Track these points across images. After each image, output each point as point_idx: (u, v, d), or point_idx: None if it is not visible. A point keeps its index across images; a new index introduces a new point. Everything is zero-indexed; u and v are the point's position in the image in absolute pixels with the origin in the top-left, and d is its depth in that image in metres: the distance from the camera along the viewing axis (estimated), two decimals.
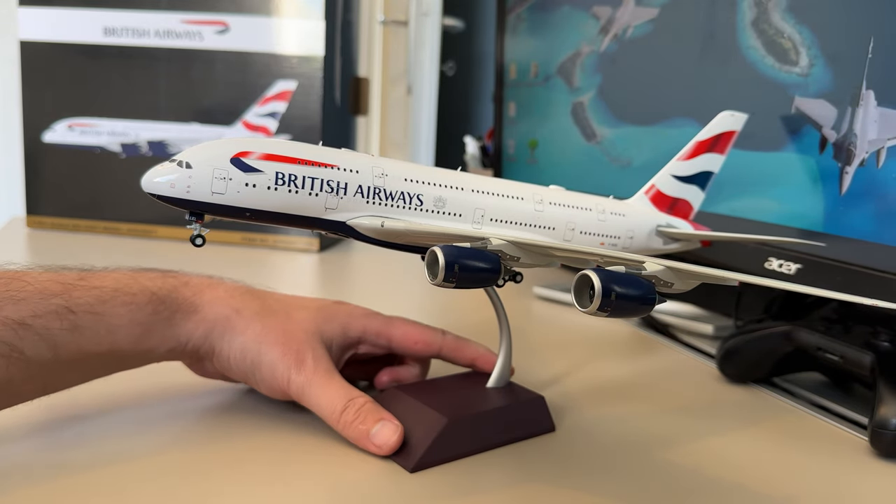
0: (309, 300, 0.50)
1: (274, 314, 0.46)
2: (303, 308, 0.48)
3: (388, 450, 0.41)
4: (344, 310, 0.49)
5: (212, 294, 0.46)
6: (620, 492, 0.40)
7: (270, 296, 0.49)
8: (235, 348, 0.45)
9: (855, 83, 0.50)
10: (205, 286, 0.46)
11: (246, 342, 0.45)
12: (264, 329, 0.45)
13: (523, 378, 0.58)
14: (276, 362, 0.44)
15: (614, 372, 0.62)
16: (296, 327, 0.46)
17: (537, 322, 0.79)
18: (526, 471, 0.42)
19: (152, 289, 0.43)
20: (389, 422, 0.42)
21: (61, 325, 0.39)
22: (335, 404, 0.43)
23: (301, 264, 1.01)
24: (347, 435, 0.42)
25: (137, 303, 0.42)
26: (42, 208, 1.13)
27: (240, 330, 0.45)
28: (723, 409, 0.54)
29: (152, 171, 0.37)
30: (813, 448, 0.47)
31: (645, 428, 0.49)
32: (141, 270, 0.45)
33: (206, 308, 0.45)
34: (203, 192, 0.37)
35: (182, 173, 0.37)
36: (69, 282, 0.41)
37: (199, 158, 0.37)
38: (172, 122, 1.09)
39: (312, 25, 1.06)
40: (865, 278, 0.49)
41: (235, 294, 0.47)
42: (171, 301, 0.44)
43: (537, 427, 0.46)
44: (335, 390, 0.43)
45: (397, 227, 0.40)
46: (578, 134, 0.86)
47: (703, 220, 0.66)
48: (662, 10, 0.72)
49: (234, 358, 0.45)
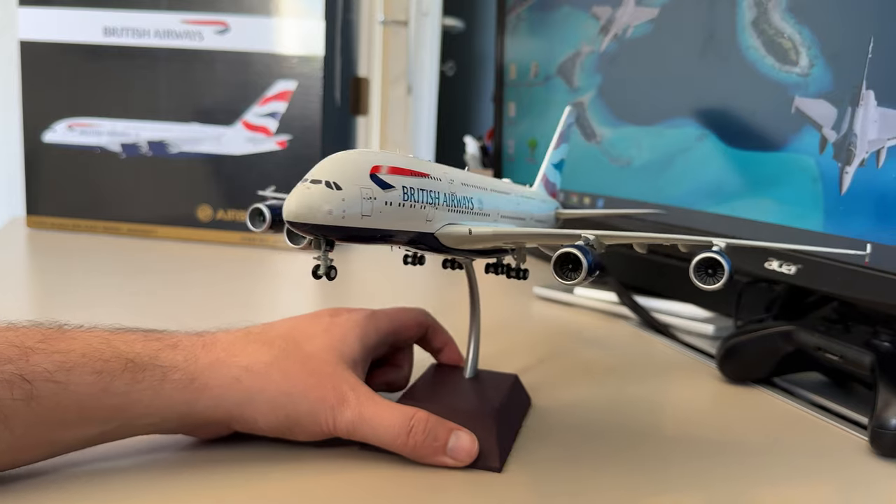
0: (308, 322, 0.45)
1: (287, 356, 0.41)
2: (310, 336, 0.43)
3: (470, 459, 0.40)
4: (349, 321, 0.46)
5: (209, 357, 0.40)
6: (620, 491, 0.40)
7: (271, 330, 0.44)
8: (261, 409, 0.40)
9: (855, 83, 0.50)
10: (198, 348, 0.40)
11: (272, 399, 0.40)
12: (286, 378, 0.40)
13: (524, 378, 0.58)
14: (316, 408, 0.40)
15: (613, 372, 0.62)
16: (317, 362, 0.41)
17: (537, 322, 0.79)
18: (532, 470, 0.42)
19: (129, 355, 0.38)
20: (461, 431, 0.40)
21: (13, 396, 0.34)
22: (397, 428, 0.40)
23: (301, 264, 1.01)
24: (419, 455, 0.40)
25: (110, 370, 0.37)
26: (42, 208, 1.13)
27: (258, 388, 0.39)
28: (723, 409, 0.54)
29: (301, 198, 0.32)
30: (813, 448, 0.47)
31: (645, 427, 0.49)
32: (118, 331, 0.40)
33: (206, 375, 0.39)
34: (355, 215, 0.32)
35: (335, 195, 0.32)
36: (28, 345, 0.36)
37: (344, 177, 0.32)
38: (172, 122, 1.09)
39: (312, 25, 1.06)
40: (866, 278, 0.49)
41: (236, 348, 0.41)
42: (154, 369, 0.38)
43: (526, 403, 0.50)
44: (390, 414, 0.40)
45: (485, 231, 0.39)
46: (578, 134, 0.86)
47: (703, 219, 0.66)
48: (662, 10, 0.72)
49: (263, 418, 0.40)
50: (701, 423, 0.51)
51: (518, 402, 0.49)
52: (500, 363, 0.60)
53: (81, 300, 0.78)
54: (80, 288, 0.83)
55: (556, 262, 0.34)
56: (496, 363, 0.60)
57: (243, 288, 0.88)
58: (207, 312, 0.76)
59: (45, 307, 0.78)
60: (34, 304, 0.79)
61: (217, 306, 0.78)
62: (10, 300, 0.78)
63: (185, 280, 0.90)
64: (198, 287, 0.86)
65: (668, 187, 0.71)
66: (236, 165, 1.09)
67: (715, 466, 0.44)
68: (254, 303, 0.82)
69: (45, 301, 0.80)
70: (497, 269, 0.46)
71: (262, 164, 1.08)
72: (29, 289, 0.86)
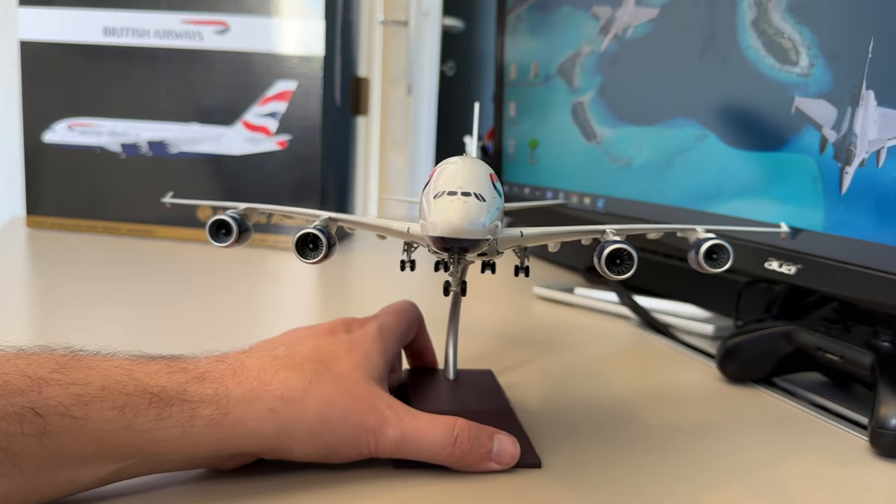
0: (327, 339, 0.43)
1: (320, 379, 0.39)
2: (336, 356, 0.41)
3: (514, 461, 0.40)
4: (367, 336, 0.44)
5: (241, 388, 0.37)
6: (619, 491, 0.40)
7: (297, 353, 0.41)
8: (299, 439, 0.38)
9: (855, 83, 0.50)
10: (228, 378, 0.37)
11: (312, 427, 0.38)
12: (324, 404, 0.38)
13: (524, 378, 0.58)
14: (355, 433, 0.38)
15: (614, 371, 0.62)
16: (350, 383, 0.40)
17: (537, 322, 0.79)
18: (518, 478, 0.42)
19: (154, 389, 0.35)
20: (501, 434, 0.40)
21: (24, 431, 0.31)
22: (443, 440, 0.39)
23: (301, 264, 1.01)
24: (467, 464, 0.39)
25: (133, 406, 0.34)
26: (42, 208, 1.13)
27: (297, 418, 0.37)
28: (723, 409, 0.54)
29: (462, 211, 0.31)
30: (813, 448, 0.47)
31: (644, 427, 0.49)
32: (140, 360, 0.37)
33: (240, 409, 0.36)
34: (492, 226, 0.32)
35: (484, 207, 0.31)
36: (41, 374, 0.33)
37: (482, 187, 0.32)
38: (172, 122, 1.09)
39: (312, 25, 1.06)
40: (866, 278, 0.49)
41: (267, 376, 0.38)
42: (182, 404, 0.35)
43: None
44: (433, 426, 0.39)
45: (534, 232, 0.40)
46: (578, 134, 0.86)
47: (702, 219, 0.66)
48: (662, 10, 0.72)
49: (300, 448, 0.38)
50: (701, 422, 0.51)
51: (505, 397, 0.50)
52: (500, 363, 0.60)
53: (81, 300, 0.78)
54: (79, 288, 0.83)
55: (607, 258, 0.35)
56: (496, 363, 0.60)
57: (244, 288, 0.88)
58: (208, 312, 0.76)
59: (45, 307, 0.78)
60: (34, 305, 0.79)
61: (217, 306, 0.78)
62: (10, 300, 0.78)
63: (185, 280, 0.90)
64: (198, 287, 0.86)
65: (669, 187, 0.71)
66: (236, 165, 1.09)
67: (714, 466, 0.44)
68: (255, 303, 0.82)
69: (45, 301, 0.80)
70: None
71: (262, 164, 1.08)
72: (29, 289, 0.86)
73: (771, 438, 0.49)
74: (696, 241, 0.40)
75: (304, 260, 0.38)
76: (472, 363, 0.55)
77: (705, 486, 0.41)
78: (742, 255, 0.60)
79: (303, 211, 0.44)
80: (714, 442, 0.48)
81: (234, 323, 0.72)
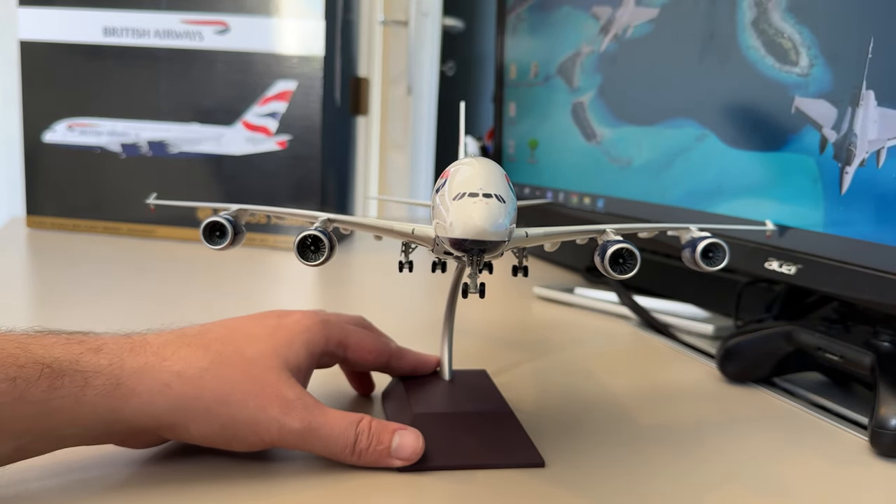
0: (253, 322, 0.43)
1: (227, 361, 0.38)
2: (253, 339, 0.40)
3: (416, 457, 0.39)
4: (298, 324, 0.43)
5: (137, 361, 0.36)
6: (618, 491, 0.40)
7: (209, 332, 0.40)
8: (195, 417, 0.37)
9: (855, 83, 0.50)
10: (125, 351, 0.37)
11: (208, 407, 0.37)
12: (223, 384, 0.37)
13: (524, 378, 0.58)
14: (257, 417, 0.37)
15: (614, 371, 0.62)
16: (259, 368, 0.39)
17: (537, 322, 0.79)
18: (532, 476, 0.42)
19: (46, 360, 0.34)
20: (405, 430, 0.40)
21: None
22: (345, 438, 0.38)
23: (301, 264, 1.01)
24: (365, 462, 0.39)
25: (25, 377, 0.33)
26: (42, 208, 1.13)
27: (192, 395, 0.37)
28: (723, 409, 0.54)
29: (484, 213, 0.30)
30: (813, 448, 0.47)
31: (644, 427, 0.49)
32: (38, 334, 0.36)
33: (133, 380, 0.36)
34: (511, 228, 0.32)
35: (505, 209, 0.31)
36: None
37: (501, 188, 0.32)
38: (172, 122, 1.09)
39: (312, 25, 1.06)
40: (866, 278, 0.49)
41: (167, 351, 0.38)
42: (74, 374, 0.34)
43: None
44: (337, 423, 0.39)
45: (538, 232, 0.40)
46: (578, 134, 0.86)
47: (702, 219, 0.66)
48: (662, 10, 0.72)
49: (197, 427, 0.37)
50: (701, 422, 0.51)
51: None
52: (500, 363, 0.60)
53: (81, 300, 0.78)
54: (79, 288, 0.83)
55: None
56: (496, 363, 0.60)
57: (244, 288, 0.88)
58: (208, 312, 0.76)
59: (44, 307, 0.78)
60: (34, 304, 0.79)
61: (218, 306, 0.78)
62: (10, 300, 0.78)
63: (184, 280, 0.90)
64: (198, 287, 0.86)
65: (668, 187, 0.71)
66: (236, 165, 1.09)
67: (714, 466, 0.44)
68: (255, 303, 0.82)
69: (44, 301, 0.80)
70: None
71: (262, 164, 1.08)
72: (29, 289, 0.86)
73: (771, 438, 0.49)
74: (690, 240, 0.40)
75: (305, 262, 0.37)
76: (471, 363, 0.55)
77: (705, 485, 0.41)
78: (742, 255, 0.60)
79: (300, 212, 0.43)
80: (714, 442, 0.48)
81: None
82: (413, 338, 0.53)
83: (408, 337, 0.53)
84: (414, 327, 0.50)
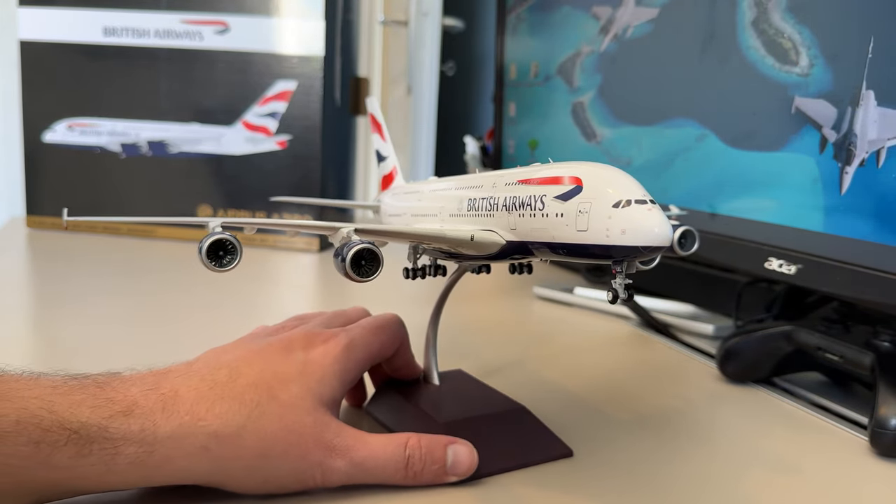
0: (280, 360, 0.39)
1: (263, 413, 0.36)
2: (285, 381, 0.38)
3: (471, 471, 0.39)
4: (327, 356, 0.40)
5: (170, 424, 0.34)
6: (618, 491, 0.40)
7: (240, 377, 0.38)
8: (237, 475, 0.36)
9: (855, 83, 0.50)
10: (157, 412, 0.34)
11: (248, 465, 0.36)
12: (262, 440, 0.36)
13: (524, 377, 0.58)
14: (299, 467, 0.36)
15: (614, 372, 0.62)
16: (296, 413, 0.37)
17: (537, 322, 0.79)
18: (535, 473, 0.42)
19: (73, 425, 0.32)
20: (457, 443, 0.39)
21: None
22: (395, 463, 0.38)
23: (301, 264, 1.01)
24: (421, 483, 0.38)
25: (50, 442, 0.31)
26: (42, 208, 1.13)
27: (231, 456, 0.35)
28: (723, 409, 0.54)
29: (662, 219, 0.30)
30: (813, 448, 0.47)
31: (644, 427, 0.49)
32: (65, 387, 0.34)
33: (167, 446, 0.34)
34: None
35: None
36: None
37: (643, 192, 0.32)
38: (172, 122, 1.09)
39: (312, 25, 1.06)
40: (866, 278, 0.49)
41: (201, 409, 0.35)
42: (104, 442, 0.32)
43: None
44: (383, 450, 0.38)
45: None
46: (578, 134, 0.86)
47: (702, 219, 0.66)
48: (662, 10, 0.72)
49: (239, 483, 0.36)
50: (701, 423, 0.51)
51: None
52: (500, 363, 0.60)
53: (81, 300, 0.78)
54: (79, 288, 0.83)
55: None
56: (496, 363, 0.60)
57: (244, 288, 0.88)
58: (207, 313, 0.76)
59: (44, 307, 0.78)
60: (34, 305, 0.79)
61: (217, 306, 0.78)
62: (10, 300, 0.78)
63: (185, 280, 0.90)
64: (198, 287, 0.86)
65: (669, 187, 0.71)
66: (236, 165, 1.09)
67: (714, 466, 0.44)
68: (255, 303, 0.82)
69: (44, 301, 0.80)
70: (489, 269, 0.46)
71: (262, 164, 1.08)
72: (29, 289, 0.86)
73: (771, 438, 0.49)
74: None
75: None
76: (471, 363, 0.55)
77: (705, 485, 0.41)
78: (742, 255, 0.60)
79: (322, 224, 0.39)
80: (714, 442, 0.48)
81: (234, 322, 0.72)
82: (420, 334, 0.53)
83: (414, 333, 0.52)
84: (422, 324, 0.50)
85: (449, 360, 0.53)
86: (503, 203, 0.37)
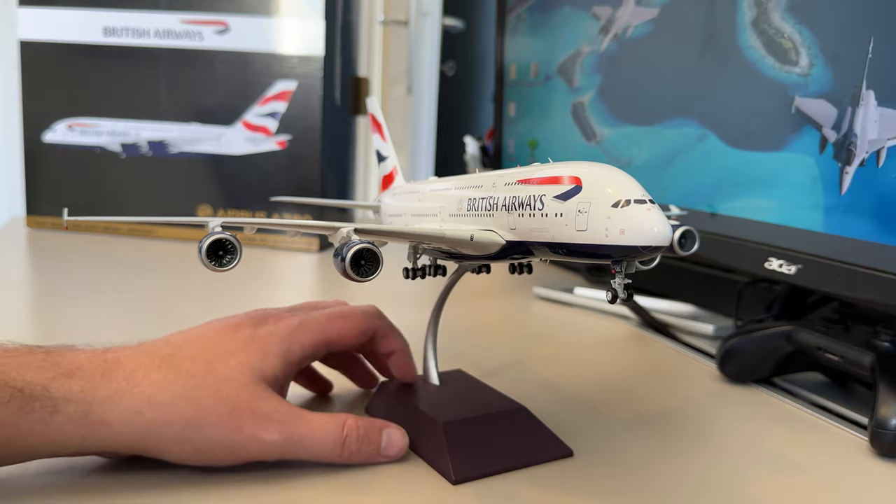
0: (226, 335, 0.41)
1: (198, 383, 0.37)
2: (226, 354, 0.39)
3: (402, 453, 0.40)
4: (273, 335, 0.41)
5: (108, 387, 0.36)
6: (618, 491, 0.40)
7: (181, 350, 0.39)
8: (168, 442, 0.37)
9: (855, 83, 0.50)
10: (97, 376, 0.36)
11: (180, 432, 0.36)
12: (195, 408, 0.37)
13: (523, 377, 0.58)
14: (232, 438, 0.37)
15: (614, 372, 0.62)
16: (232, 386, 0.38)
17: (537, 322, 0.79)
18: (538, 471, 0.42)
19: (17, 383, 0.34)
20: (391, 427, 0.41)
21: None
22: (332, 442, 0.39)
23: (301, 264, 1.01)
24: (355, 461, 0.40)
25: None
26: (42, 208, 1.13)
27: (163, 422, 0.36)
28: (723, 409, 0.54)
29: (662, 219, 0.31)
30: (813, 448, 0.47)
31: (644, 427, 0.49)
32: (14, 352, 0.36)
33: (103, 408, 0.35)
34: None
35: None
36: None
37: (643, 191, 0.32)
38: (172, 122, 1.09)
39: (312, 25, 1.06)
40: (866, 278, 0.49)
41: (138, 376, 0.37)
42: (45, 400, 0.34)
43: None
44: (321, 428, 0.39)
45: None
46: (578, 134, 0.86)
47: (701, 219, 0.66)
48: (662, 10, 0.72)
49: (171, 451, 0.37)
50: (701, 423, 0.51)
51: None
52: (500, 363, 0.60)
53: (81, 300, 0.78)
54: (80, 288, 0.83)
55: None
56: (495, 363, 0.60)
57: (243, 288, 0.88)
58: (207, 313, 0.76)
59: (44, 307, 0.78)
60: (34, 304, 0.79)
61: (217, 306, 0.78)
62: (11, 300, 0.78)
63: (184, 280, 0.90)
64: (197, 287, 0.86)
65: (669, 187, 0.71)
66: (236, 165, 1.09)
67: (714, 466, 0.44)
68: (254, 303, 0.82)
69: (44, 301, 0.80)
70: (489, 269, 0.46)
71: (262, 164, 1.08)
72: (29, 289, 0.86)
73: (771, 438, 0.49)
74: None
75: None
76: (471, 363, 0.55)
77: (705, 485, 0.41)
78: (742, 255, 0.60)
79: (321, 224, 0.39)
80: (714, 442, 0.48)
81: None
82: (420, 333, 0.53)
83: (414, 334, 0.52)
84: (421, 324, 0.50)
85: (449, 360, 0.53)
86: (503, 203, 0.37)
